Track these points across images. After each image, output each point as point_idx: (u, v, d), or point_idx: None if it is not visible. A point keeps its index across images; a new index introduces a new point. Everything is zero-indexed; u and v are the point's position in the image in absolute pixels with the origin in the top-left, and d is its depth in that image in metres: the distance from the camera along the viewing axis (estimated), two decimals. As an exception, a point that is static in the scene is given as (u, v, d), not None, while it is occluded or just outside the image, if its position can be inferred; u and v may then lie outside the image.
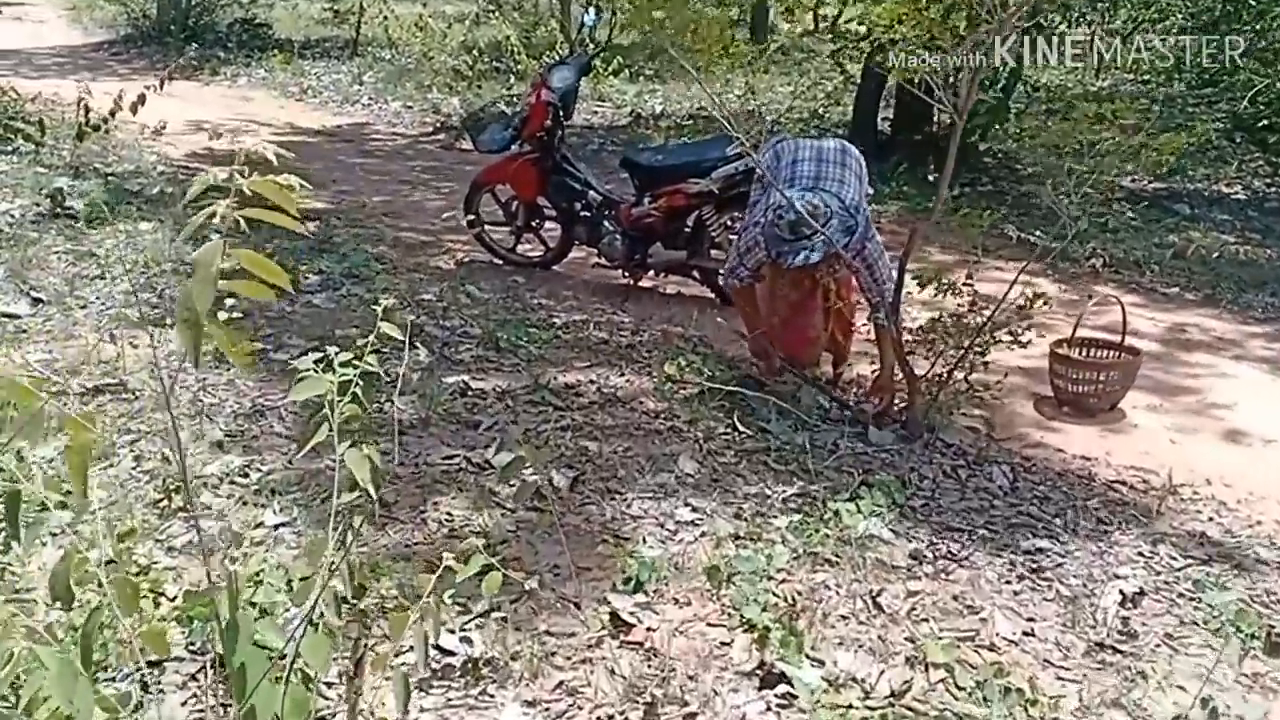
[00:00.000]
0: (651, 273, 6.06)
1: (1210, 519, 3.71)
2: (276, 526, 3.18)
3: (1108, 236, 7.20)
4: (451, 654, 2.65)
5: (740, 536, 3.31)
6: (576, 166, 6.15)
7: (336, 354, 2.03)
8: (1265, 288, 6.65)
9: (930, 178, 8.87)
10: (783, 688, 2.57)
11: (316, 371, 1.94)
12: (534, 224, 6.44)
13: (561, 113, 5.92)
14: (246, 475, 3.47)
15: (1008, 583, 3.15)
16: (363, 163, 9.92)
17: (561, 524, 3.26)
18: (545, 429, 4.07)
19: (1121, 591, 3.06)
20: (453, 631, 2.72)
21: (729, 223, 5.63)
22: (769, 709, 2.53)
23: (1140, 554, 3.38)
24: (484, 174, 6.40)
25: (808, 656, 2.67)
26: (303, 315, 5.22)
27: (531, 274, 6.40)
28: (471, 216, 6.48)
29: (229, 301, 4.20)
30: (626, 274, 6.06)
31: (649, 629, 2.80)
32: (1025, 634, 2.89)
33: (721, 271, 4.66)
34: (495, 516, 3.36)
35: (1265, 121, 9.68)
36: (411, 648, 2.06)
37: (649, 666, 2.67)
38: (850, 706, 2.52)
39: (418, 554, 3.13)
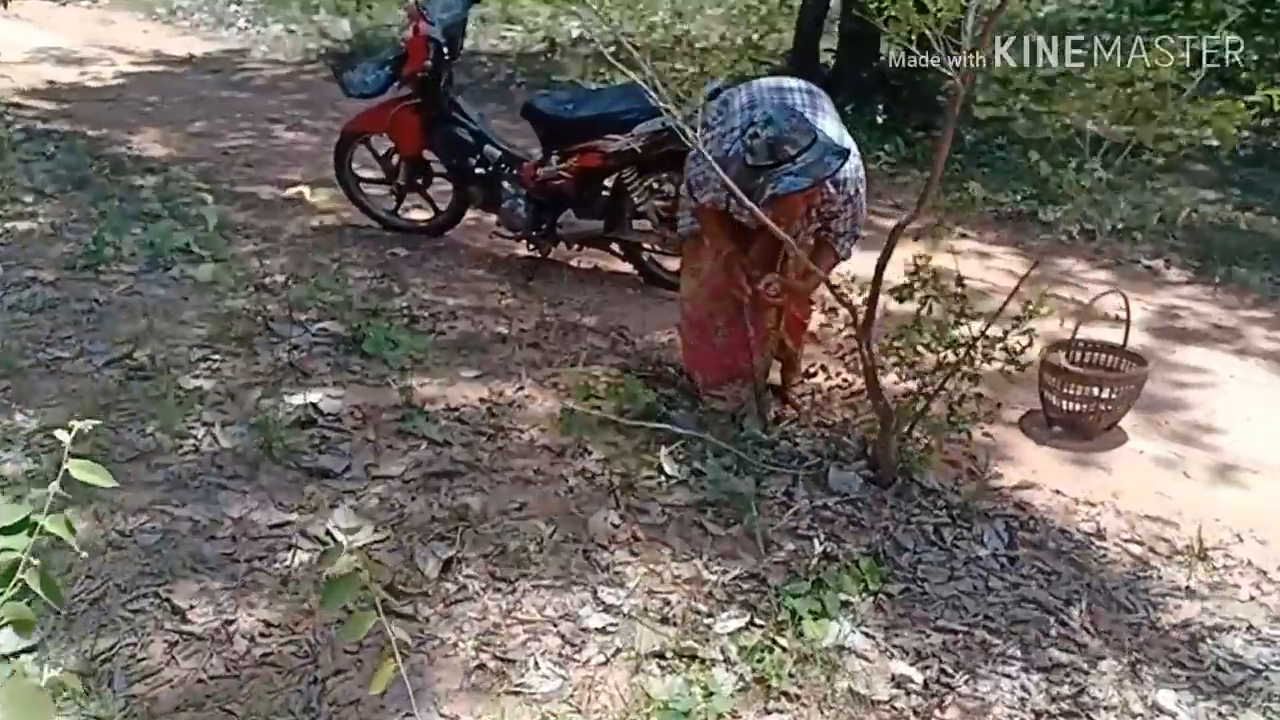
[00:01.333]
0: (562, 245, 5.15)
1: (1252, 597, 3.01)
2: None
3: (1084, 198, 6.45)
4: None
5: (668, 656, 2.51)
6: (469, 113, 5.19)
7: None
8: (1258, 260, 6.01)
9: (880, 119, 8.03)
10: None
11: None
12: (419, 183, 5.48)
13: (446, 49, 4.94)
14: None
15: None
16: (231, 97, 8.78)
17: (418, 646, 2.42)
18: (413, 477, 3.21)
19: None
20: None
21: (656, 186, 4.74)
22: None
23: (1180, 664, 2.67)
24: (355, 122, 5.42)
25: None
26: (118, 308, 4.24)
27: (417, 243, 5.48)
28: (342, 173, 5.49)
29: None
30: (532, 246, 5.15)
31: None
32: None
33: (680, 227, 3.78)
34: (323, 636, 2.50)
35: (1233, 56, 8.96)
36: None
37: None
38: None
39: (212, 699, 2.28)
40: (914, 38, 2.82)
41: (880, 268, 3.06)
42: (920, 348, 3.37)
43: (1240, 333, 5.10)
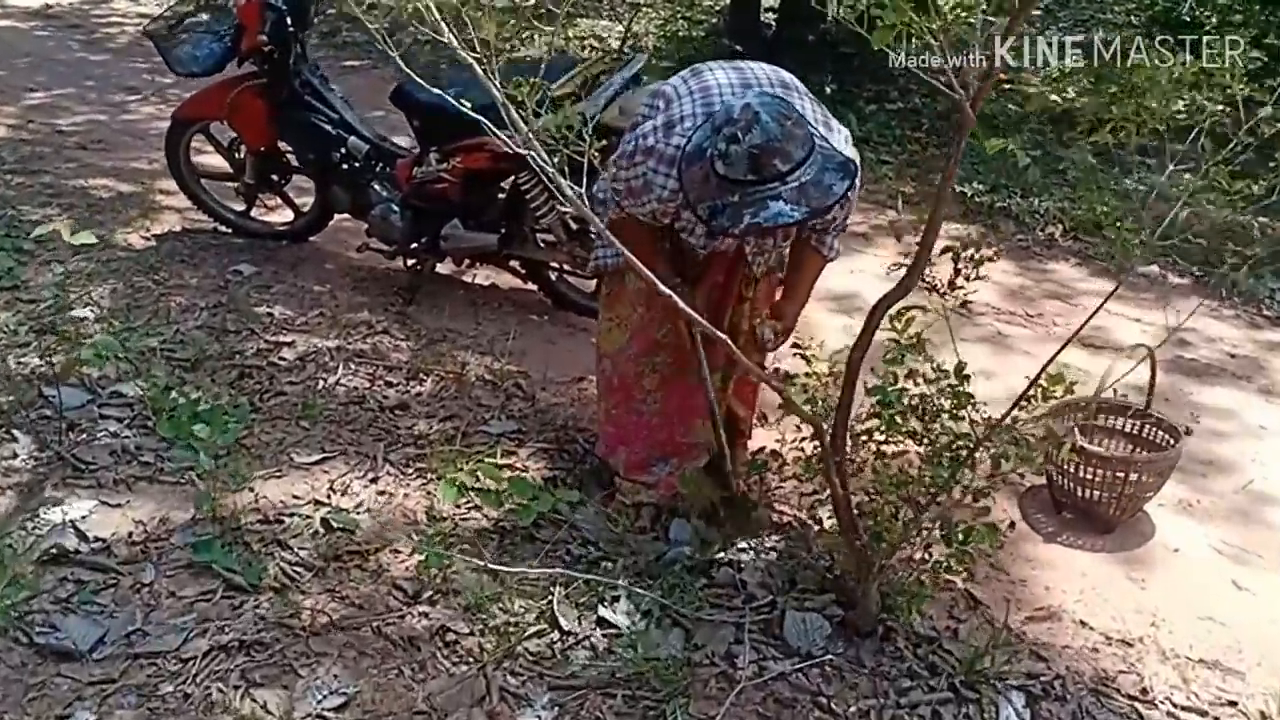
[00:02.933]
0: (450, 260, 4.13)
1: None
2: None
3: (1065, 190, 5.54)
4: None
5: None
6: (327, 96, 4.11)
7: None
8: (1265, 267, 5.12)
9: (828, 90, 7.01)
10: None
11: None
12: (275, 179, 4.41)
13: (290, 16, 3.87)
14: None
15: None
16: (84, 60, 7.55)
17: None
18: (192, 654, 2.23)
19: None
20: None
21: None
22: None
23: None
24: (187, 106, 4.34)
25: None
26: None
27: (273, 254, 4.43)
28: (177, 168, 4.41)
29: None
30: (411, 262, 4.12)
31: None
32: None
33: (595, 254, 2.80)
34: None
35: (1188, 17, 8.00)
36: None
37: None
38: None
39: None
40: (907, 38, 1.85)
41: (854, 368, 2.11)
42: (903, 437, 2.44)
43: (1262, 364, 4.26)
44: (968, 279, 2.28)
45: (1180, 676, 2.51)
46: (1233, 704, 2.44)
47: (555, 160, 1.92)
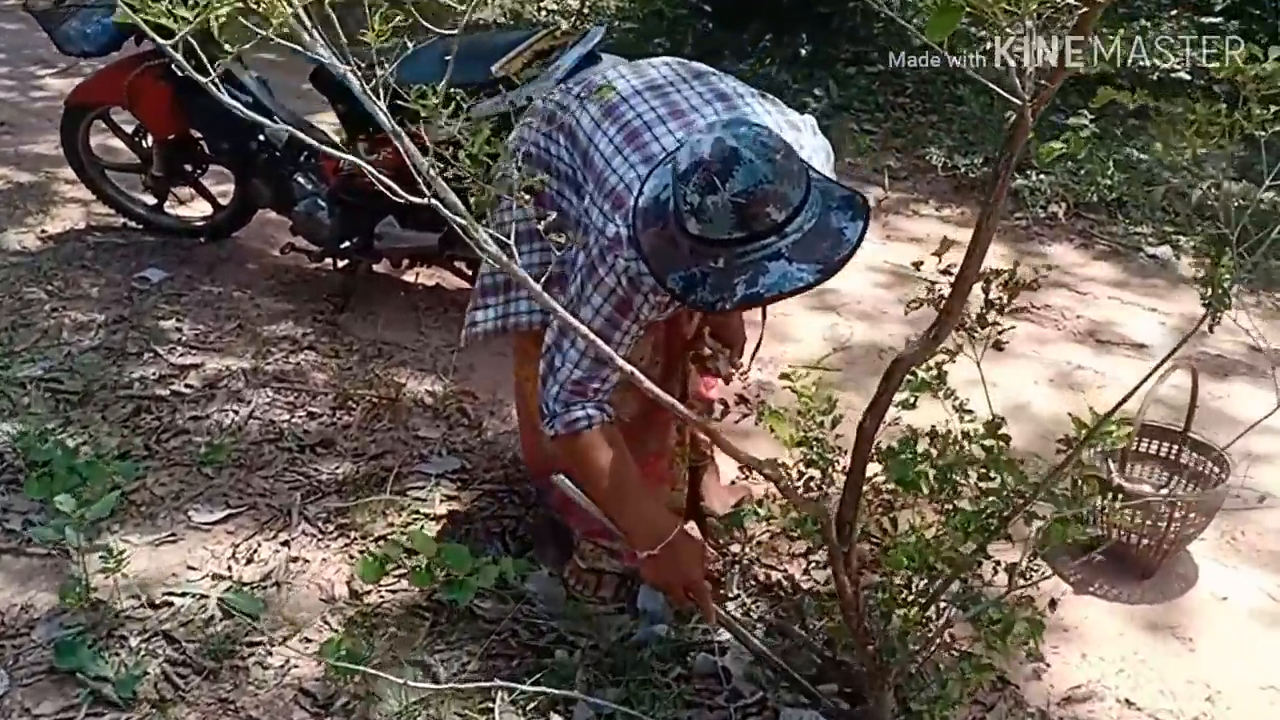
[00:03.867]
0: (386, 262, 3.65)
1: None
2: None
3: (1064, 163, 5.08)
4: None
5: None
6: (241, 78, 3.60)
7: None
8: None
9: (803, 52, 6.49)
10: None
11: None
12: (188, 169, 3.90)
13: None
14: None
15: None
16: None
17: None
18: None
19: None
20: None
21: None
22: None
23: None
24: (79, 92, 3.81)
25: None
26: None
27: (188, 255, 3.94)
28: (76, 159, 3.90)
29: None
30: (342, 264, 3.63)
31: None
32: None
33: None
34: None
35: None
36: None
37: None
38: None
39: None
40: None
41: (867, 438, 1.66)
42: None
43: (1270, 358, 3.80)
44: (1001, 311, 1.83)
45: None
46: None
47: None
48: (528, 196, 2.07)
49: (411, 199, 1.25)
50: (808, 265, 1.58)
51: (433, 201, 1.26)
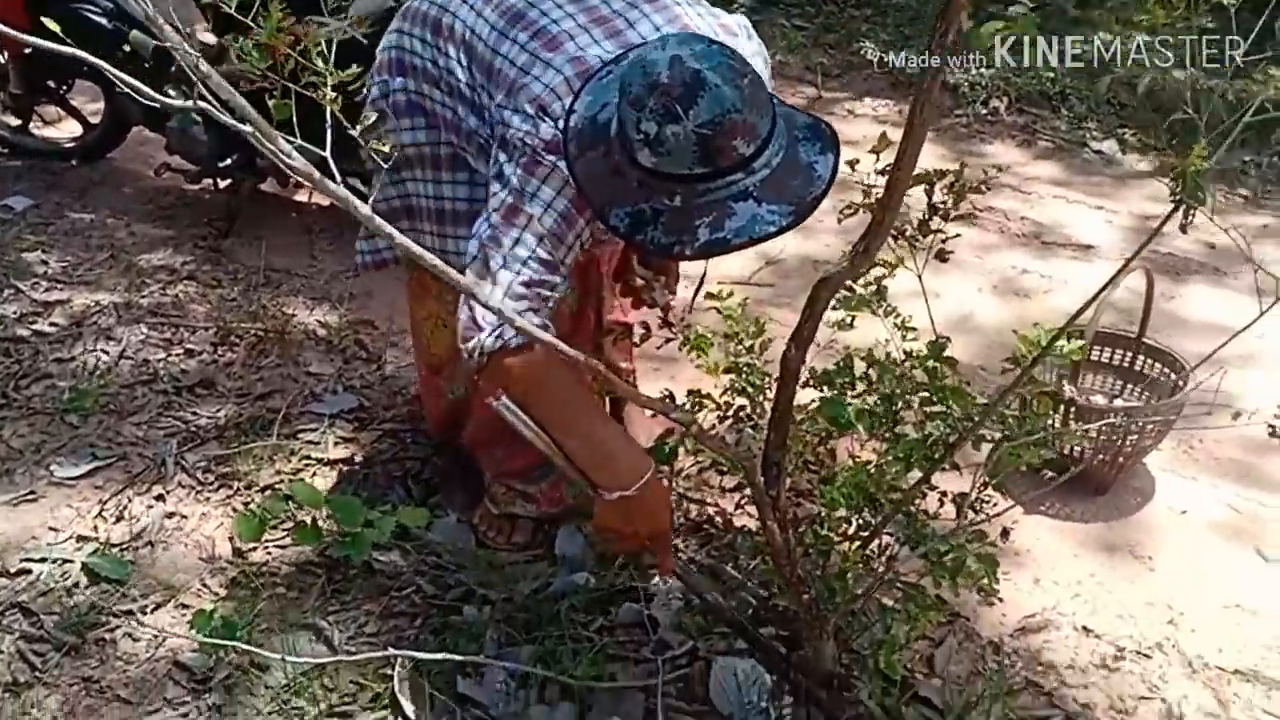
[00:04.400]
0: (272, 180, 3.37)
1: None
2: None
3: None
4: None
5: None
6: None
7: None
8: (1245, 142, 4.56)
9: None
10: None
11: None
12: (52, 86, 3.56)
13: None
14: None
15: None
16: None
17: None
18: None
19: None
20: None
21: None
22: None
23: None
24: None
25: None
26: None
27: (58, 180, 3.61)
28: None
29: None
30: (224, 184, 3.35)
31: None
32: None
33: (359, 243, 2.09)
34: None
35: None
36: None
37: None
38: None
39: None
40: None
41: (792, 370, 1.46)
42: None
43: (1245, 256, 3.69)
44: (946, 218, 1.64)
45: (1215, 697, 2.00)
46: (1285, 731, 1.92)
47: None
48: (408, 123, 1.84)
49: (178, 104, 1.00)
50: (778, 206, 1.38)
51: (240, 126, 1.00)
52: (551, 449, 1.61)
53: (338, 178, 1.14)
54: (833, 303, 1.50)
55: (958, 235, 1.65)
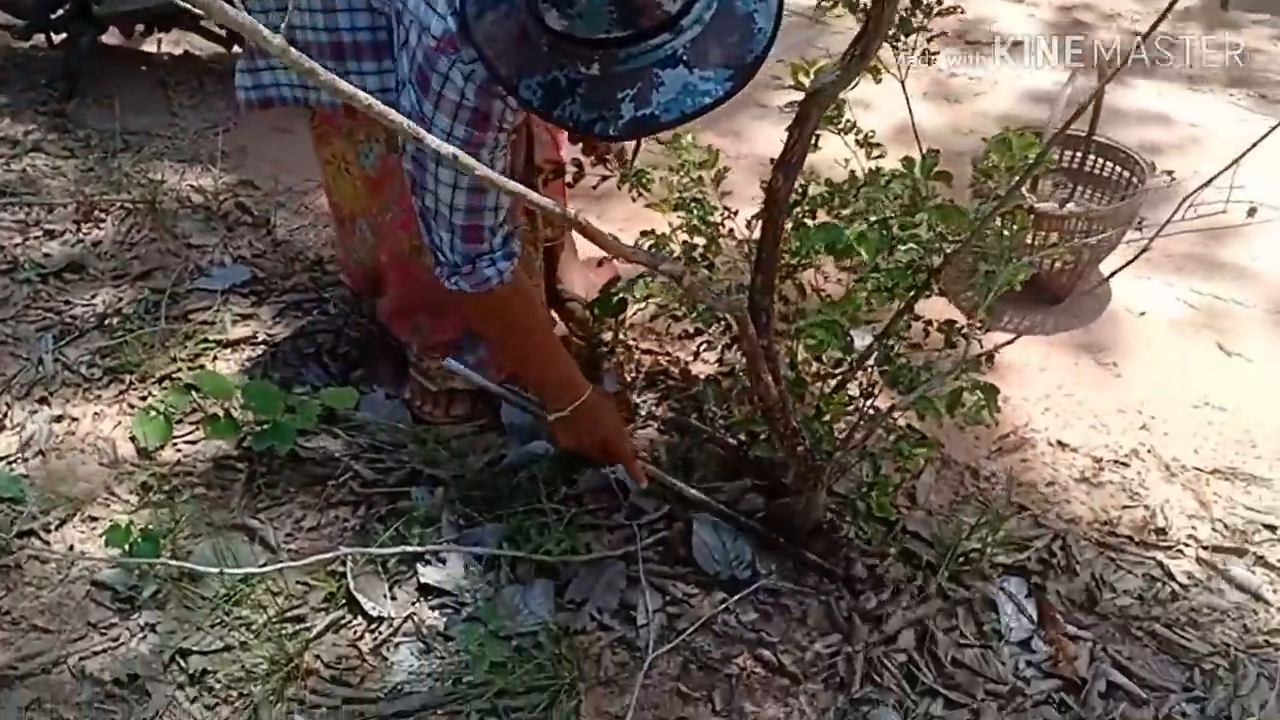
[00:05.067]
0: (116, 31, 3.03)
1: None
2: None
3: None
4: None
5: None
6: None
7: None
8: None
9: None
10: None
11: None
12: None
13: None
14: None
15: None
16: None
17: None
18: None
19: None
20: None
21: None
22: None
23: None
24: None
25: None
26: None
27: None
28: None
29: None
30: (59, 38, 3.00)
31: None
32: None
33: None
34: None
35: None
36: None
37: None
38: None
39: None
40: None
41: (779, 201, 1.32)
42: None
43: (1174, 41, 3.63)
44: (930, 14, 1.50)
45: (1196, 499, 2.00)
46: (1271, 529, 1.93)
47: None
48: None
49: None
50: (712, 72, 1.19)
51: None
52: (502, 392, 1.78)
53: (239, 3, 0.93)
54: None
55: (943, 34, 1.50)
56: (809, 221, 1.62)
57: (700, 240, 1.77)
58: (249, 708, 1.53)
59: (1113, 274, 1.73)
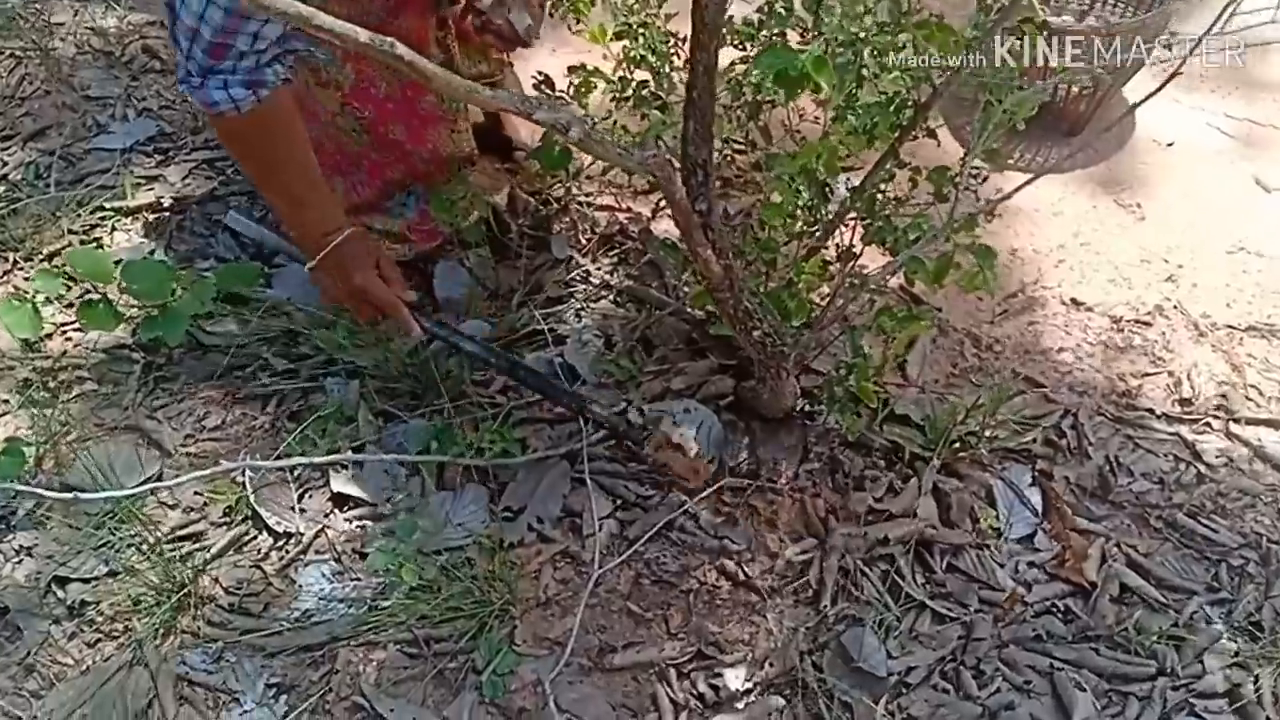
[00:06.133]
0: None
1: None
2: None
3: None
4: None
5: None
6: None
7: None
8: None
9: None
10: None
11: None
12: None
13: None
14: None
15: None
16: None
17: None
18: None
19: None
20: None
21: None
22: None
23: None
24: None
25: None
26: None
27: None
28: None
29: None
30: None
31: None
32: None
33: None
34: None
35: None
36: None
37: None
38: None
39: None
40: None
41: (707, 69, 1.05)
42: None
43: None
44: None
45: (1228, 362, 1.77)
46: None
47: None
48: None
49: None
50: None
51: None
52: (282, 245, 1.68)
53: None
54: None
55: None
56: (742, 52, 1.34)
57: (646, 75, 1.50)
58: (133, 644, 1.34)
59: (1139, 103, 1.47)
